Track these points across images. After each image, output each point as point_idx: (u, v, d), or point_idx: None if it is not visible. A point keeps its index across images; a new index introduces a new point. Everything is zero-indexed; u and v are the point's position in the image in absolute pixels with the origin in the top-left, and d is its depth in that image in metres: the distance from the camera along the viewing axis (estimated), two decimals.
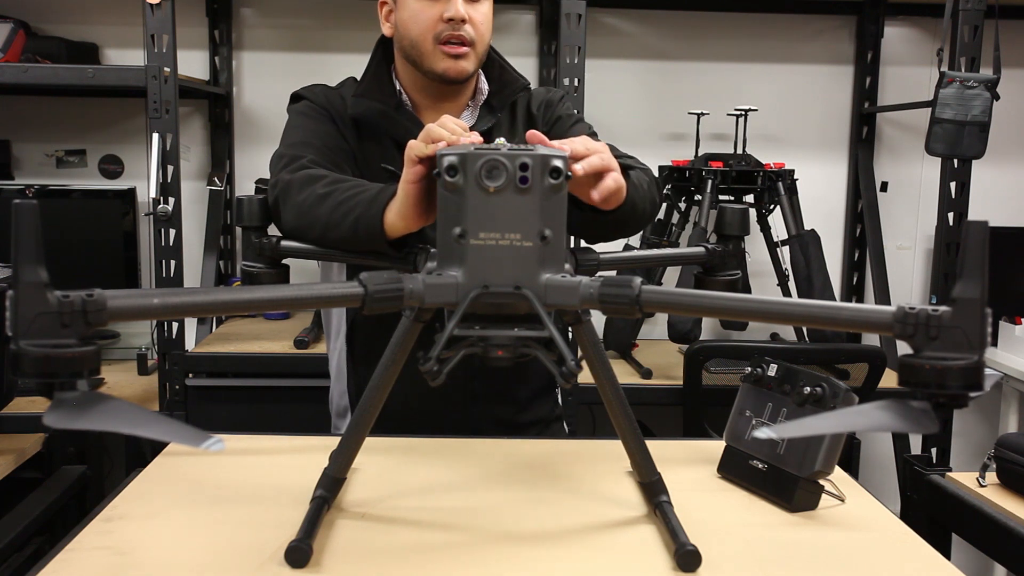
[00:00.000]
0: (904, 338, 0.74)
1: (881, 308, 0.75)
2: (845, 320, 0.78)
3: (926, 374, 0.72)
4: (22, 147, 2.74)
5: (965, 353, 0.71)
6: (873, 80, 2.82)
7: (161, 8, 2.08)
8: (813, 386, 1.08)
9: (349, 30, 2.76)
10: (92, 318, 0.70)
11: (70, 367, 0.68)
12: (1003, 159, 2.84)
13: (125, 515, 1.03)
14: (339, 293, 0.83)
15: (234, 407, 2.27)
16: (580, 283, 0.85)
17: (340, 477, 1.03)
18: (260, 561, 0.92)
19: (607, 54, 2.78)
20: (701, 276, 1.17)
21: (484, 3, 1.35)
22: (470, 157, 0.84)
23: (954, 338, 0.72)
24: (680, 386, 2.15)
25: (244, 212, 1.17)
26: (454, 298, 0.85)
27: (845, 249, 2.95)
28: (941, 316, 0.72)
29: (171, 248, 2.15)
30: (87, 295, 0.70)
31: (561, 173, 0.85)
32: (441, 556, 0.94)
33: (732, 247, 1.15)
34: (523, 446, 1.30)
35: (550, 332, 0.83)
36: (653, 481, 1.03)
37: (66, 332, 0.69)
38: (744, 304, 0.82)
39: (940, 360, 0.72)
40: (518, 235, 0.84)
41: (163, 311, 0.76)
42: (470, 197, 0.84)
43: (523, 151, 0.85)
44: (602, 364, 0.96)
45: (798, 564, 0.96)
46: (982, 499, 1.47)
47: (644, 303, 0.83)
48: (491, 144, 0.88)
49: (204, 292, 0.79)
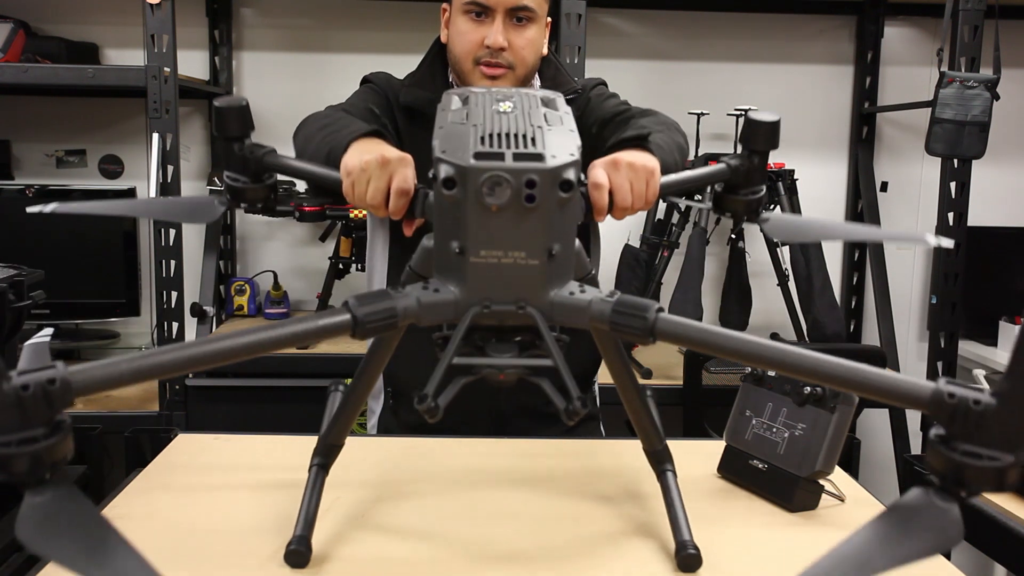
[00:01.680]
0: (938, 421, 0.67)
1: (918, 384, 0.68)
2: (876, 388, 0.70)
3: (957, 468, 0.65)
4: (22, 147, 2.73)
5: (1003, 452, 0.64)
6: (873, 80, 2.82)
7: (161, 8, 2.07)
8: (813, 386, 1.08)
9: (349, 30, 2.76)
10: (57, 403, 0.63)
11: (34, 465, 0.61)
12: (1003, 159, 2.84)
13: (125, 515, 1.03)
14: (326, 324, 0.75)
15: (234, 407, 2.27)
16: (591, 302, 0.79)
17: (337, 443, 1.02)
18: (260, 561, 0.92)
19: (607, 54, 2.78)
20: (722, 195, 1.05)
21: (531, 28, 1.38)
22: (470, 171, 0.74)
23: (994, 434, 0.65)
24: (680, 386, 2.15)
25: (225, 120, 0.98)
26: (452, 316, 0.79)
27: (845, 249, 2.95)
28: (984, 411, 0.65)
29: (171, 248, 2.15)
30: (48, 381, 0.62)
31: (572, 186, 0.76)
32: (441, 556, 0.94)
33: (758, 162, 1.04)
34: (523, 445, 1.30)
35: (555, 362, 0.76)
36: (659, 450, 1.03)
37: (29, 423, 0.61)
38: (768, 352, 0.73)
39: (976, 459, 0.64)
40: (523, 253, 0.77)
41: (133, 377, 0.68)
42: (470, 213, 0.75)
43: (529, 165, 0.74)
44: (622, 363, 0.95)
45: (798, 564, 0.96)
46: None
47: (659, 334, 0.75)
48: (496, 148, 0.78)
49: (174, 349, 0.71)
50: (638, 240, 2.58)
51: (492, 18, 1.35)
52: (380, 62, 1.65)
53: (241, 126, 0.99)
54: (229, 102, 0.98)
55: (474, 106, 0.82)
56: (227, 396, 2.27)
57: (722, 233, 2.65)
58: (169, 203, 1.16)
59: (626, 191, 0.97)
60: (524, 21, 1.37)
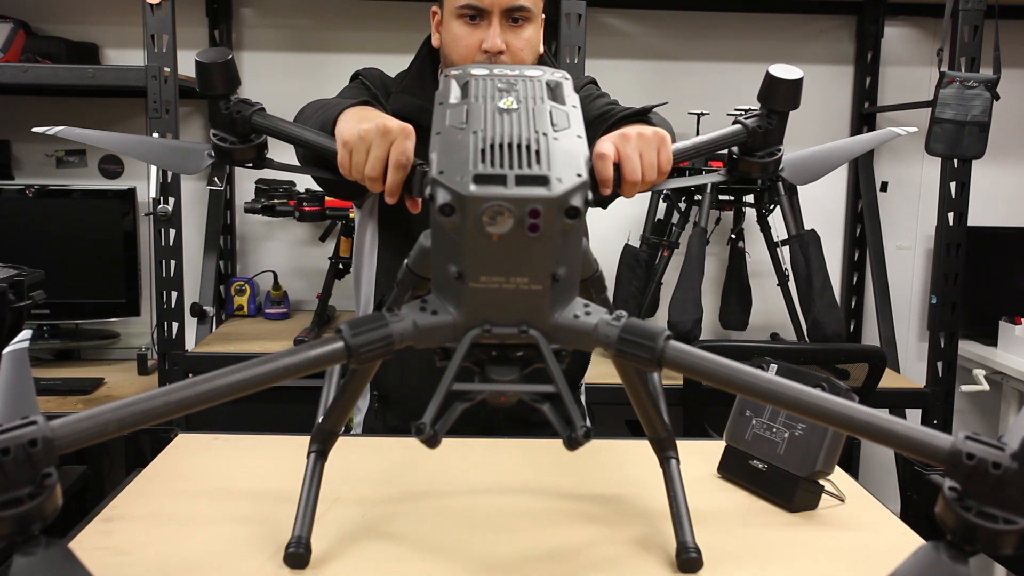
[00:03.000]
0: (953, 478, 0.65)
1: (936, 437, 0.66)
2: (894, 439, 0.68)
3: (970, 529, 0.63)
4: (22, 147, 2.74)
5: (1020, 516, 0.63)
6: (873, 80, 2.82)
7: (161, 8, 2.08)
8: (813, 386, 1.08)
9: (349, 30, 2.76)
10: (40, 464, 0.61)
11: (20, 526, 0.60)
12: (1003, 159, 2.84)
13: (125, 515, 1.03)
14: (319, 354, 0.72)
15: (234, 407, 2.25)
16: (596, 326, 0.75)
17: (335, 431, 1.01)
18: (260, 561, 0.92)
19: (607, 54, 2.78)
20: (738, 158, 1.02)
21: (528, 27, 1.35)
22: (469, 201, 0.68)
23: (1011, 497, 0.63)
24: (680, 386, 2.15)
25: (207, 77, 0.95)
26: (451, 339, 0.75)
27: (845, 249, 2.95)
28: (1004, 473, 0.63)
29: (171, 248, 2.15)
30: (29, 442, 0.61)
31: (579, 212, 0.70)
32: (441, 556, 0.94)
33: (777, 122, 1.00)
34: (523, 445, 1.30)
35: (558, 389, 0.73)
36: (663, 438, 1.01)
37: (11, 486, 0.61)
38: (781, 391, 0.71)
39: (991, 520, 0.63)
40: (525, 279, 0.72)
41: (118, 427, 0.66)
42: (469, 241, 0.69)
43: (533, 194, 0.68)
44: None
45: (798, 564, 0.96)
46: None
47: (667, 363, 0.72)
48: (497, 170, 0.71)
49: (162, 395, 0.69)
50: (638, 240, 2.58)
51: (488, 20, 1.32)
52: (380, 62, 1.64)
53: (226, 83, 0.95)
54: (211, 56, 0.94)
55: (474, 100, 0.79)
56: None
57: (722, 233, 2.65)
58: (162, 145, 1.14)
59: (636, 162, 0.92)
60: (521, 21, 1.33)
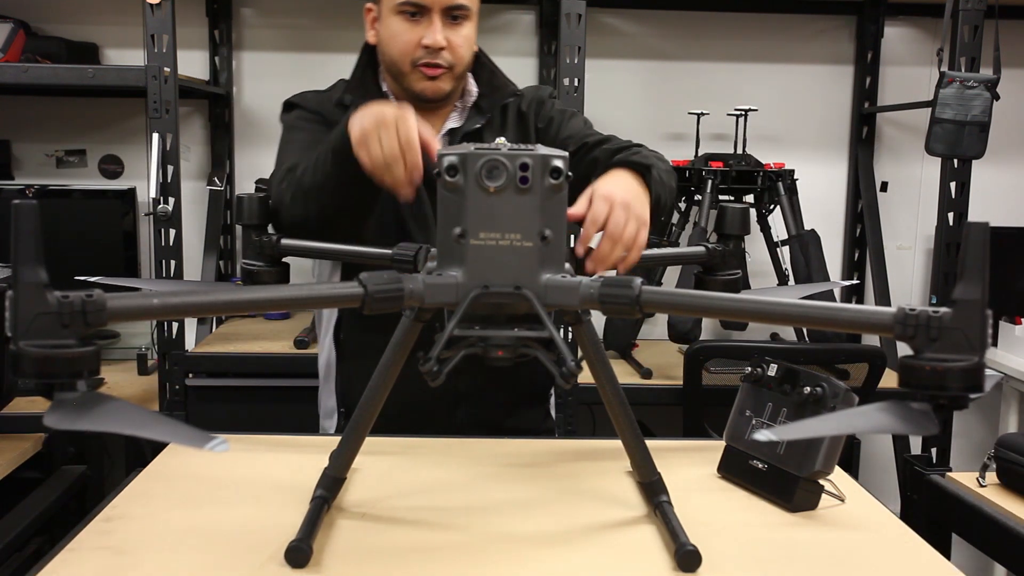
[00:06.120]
0: (904, 339, 0.74)
1: (881, 309, 0.76)
2: (845, 321, 0.79)
3: (926, 376, 0.72)
4: (22, 147, 2.73)
5: (966, 354, 0.72)
6: (873, 80, 2.82)
7: (161, 8, 2.07)
8: (813, 386, 1.08)
9: (349, 30, 2.75)
10: (91, 319, 0.70)
11: (69, 368, 0.68)
12: (1003, 159, 2.84)
13: (125, 515, 1.03)
14: (340, 293, 0.84)
15: (234, 407, 2.27)
16: (580, 283, 0.86)
17: (340, 477, 1.03)
18: (260, 561, 0.92)
19: (607, 54, 2.78)
20: (701, 276, 1.18)
21: (466, 25, 1.35)
22: (470, 157, 0.84)
23: (954, 339, 0.72)
24: (680, 386, 2.15)
25: (244, 210, 1.18)
26: (454, 298, 0.86)
27: (845, 249, 2.95)
28: (942, 317, 0.72)
29: (171, 248, 2.15)
30: (87, 295, 0.70)
31: (561, 173, 0.86)
32: (440, 556, 0.94)
33: (732, 246, 1.16)
34: (523, 446, 1.30)
35: (550, 332, 0.84)
36: (653, 481, 1.03)
37: (66, 332, 0.69)
38: (743, 304, 0.83)
39: (940, 362, 0.72)
40: (518, 235, 0.85)
41: (162, 311, 0.77)
42: (470, 197, 0.85)
43: (523, 151, 0.85)
44: (602, 364, 0.96)
45: (798, 564, 0.96)
46: (982, 499, 1.47)
47: (644, 303, 0.84)
48: (491, 144, 0.89)
49: (204, 292, 0.80)
50: None
51: (428, 17, 1.32)
52: None
53: (261, 216, 1.16)
54: (251, 194, 1.17)
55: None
56: (227, 396, 2.27)
57: None
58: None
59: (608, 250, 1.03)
60: (460, 19, 1.34)
